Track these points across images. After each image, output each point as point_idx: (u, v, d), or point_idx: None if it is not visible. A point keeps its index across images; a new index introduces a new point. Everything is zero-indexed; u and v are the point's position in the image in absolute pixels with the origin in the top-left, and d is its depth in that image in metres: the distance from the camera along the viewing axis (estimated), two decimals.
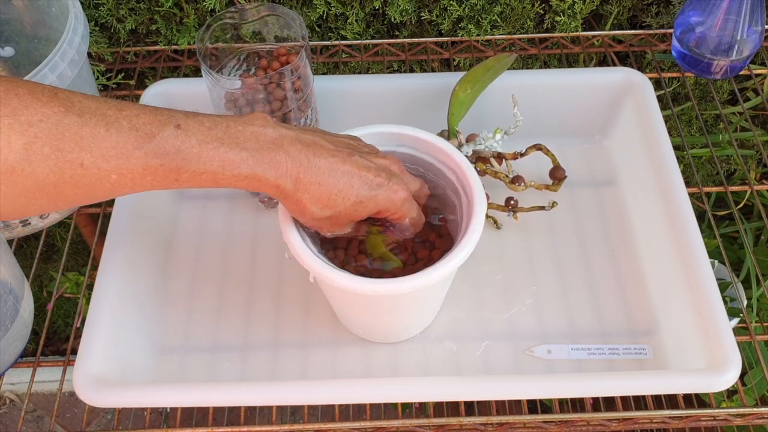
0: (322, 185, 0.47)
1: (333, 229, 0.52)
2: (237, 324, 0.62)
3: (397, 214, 0.51)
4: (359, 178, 0.48)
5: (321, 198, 0.47)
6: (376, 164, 0.50)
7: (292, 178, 0.46)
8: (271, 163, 0.45)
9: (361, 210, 0.49)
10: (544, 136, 0.70)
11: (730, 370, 0.52)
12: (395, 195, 0.50)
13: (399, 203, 0.50)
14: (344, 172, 0.48)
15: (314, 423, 0.55)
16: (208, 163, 0.44)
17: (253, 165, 0.45)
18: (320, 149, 0.47)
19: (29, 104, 0.39)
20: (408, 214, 0.52)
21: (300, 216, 0.49)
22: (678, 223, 0.61)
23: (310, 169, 0.46)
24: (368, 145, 0.53)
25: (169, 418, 1.07)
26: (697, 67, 0.75)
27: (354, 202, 0.48)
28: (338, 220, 0.50)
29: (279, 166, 0.46)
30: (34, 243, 1.01)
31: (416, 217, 0.53)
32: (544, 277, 0.64)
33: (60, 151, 0.40)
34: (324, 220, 0.49)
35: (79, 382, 0.52)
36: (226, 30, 0.61)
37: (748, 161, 0.91)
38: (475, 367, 0.59)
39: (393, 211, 0.51)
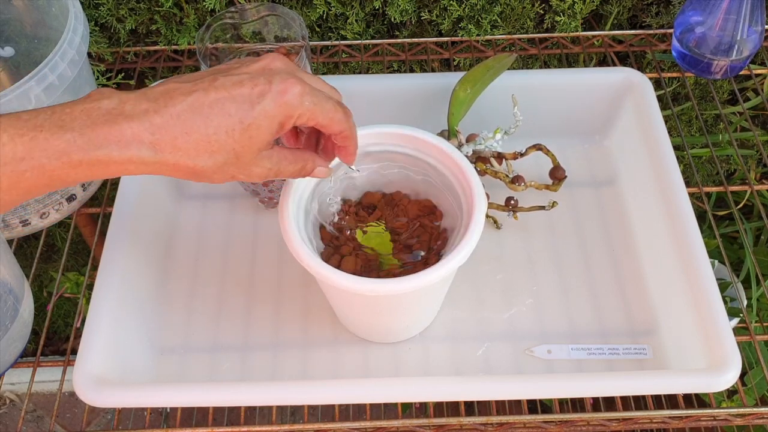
0: (190, 133, 0.39)
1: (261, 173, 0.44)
2: (237, 324, 0.62)
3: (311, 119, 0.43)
4: (232, 100, 0.40)
5: (199, 147, 0.40)
6: (249, 73, 0.42)
7: (146, 144, 0.39)
8: (108, 137, 0.38)
9: (261, 133, 0.41)
10: (544, 136, 0.70)
11: (730, 370, 0.52)
12: (287, 95, 0.41)
13: (298, 101, 0.41)
14: (212, 103, 0.40)
15: (314, 423, 0.55)
16: (27, 159, 0.37)
17: (86, 147, 0.38)
18: (172, 94, 0.40)
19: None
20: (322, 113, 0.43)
21: (198, 178, 0.42)
22: (678, 223, 0.61)
23: (165, 122, 0.39)
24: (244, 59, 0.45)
25: (169, 418, 1.07)
26: (697, 67, 0.75)
27: (243, 129, 0.41)
28: (245, 158, 0.42)
29: (122, 137, 0.38)
30: (34, 243, 1.01)
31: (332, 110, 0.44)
32: (544, 277, 0.64)
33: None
34: (230, 168, 0.42)
35: (79, 382, 0.52)
36: (226, 30, 0.61)
37: (748, 161, 0.91)
38: (475, 367, 0.59)
39: (300, 114, 0.42)
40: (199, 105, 0.40)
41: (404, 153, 0.58)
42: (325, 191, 0.58)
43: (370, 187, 0.61)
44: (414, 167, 0.58)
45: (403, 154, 0.58)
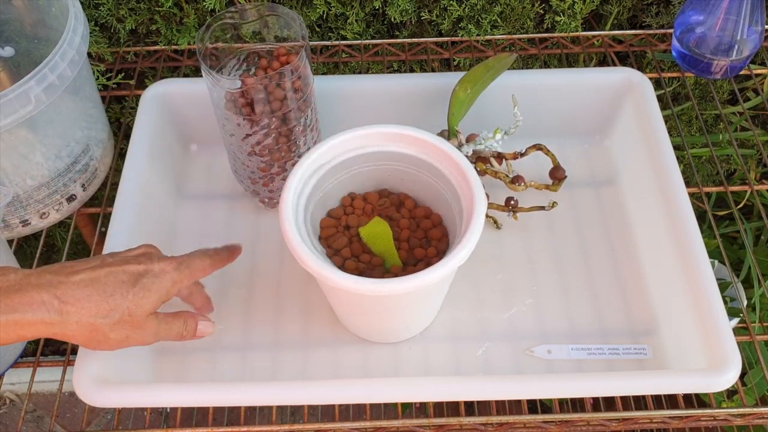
0: (91, 296, 0.46)
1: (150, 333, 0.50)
2: (237, 324, 0.62)
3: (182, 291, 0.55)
4: (123, 271, 0.48)
5: (99, 307, 0.46)
6: (133, 255, 0.51)
7: (54, 307, 0.45)
8: (21, 302, 0.44)
9: (151, 295, 0.49)
10: (544, 136, 0.70)
11: (730, 370, 0.52)
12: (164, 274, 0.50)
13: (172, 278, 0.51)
14: (107, 274, 0.48)
15: (314, 423, 0.55)
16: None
17: (4, 310, 0.43)
18: (73, 268, 0.47)
19: None
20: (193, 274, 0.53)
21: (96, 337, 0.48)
22: (678, 223, 0.61)
23: (68, 288, 0.46)
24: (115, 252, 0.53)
25: (169, 418, 1.07)
26: (697, 67, 0.75)
27: (134, 292, 0.48)
28: (137, 317, 0.49)
29: (33, 302, 0.44)
30: (34, 243, 1.01)
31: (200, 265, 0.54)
32: (544, 277, 0.64)
33: None
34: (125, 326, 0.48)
35: (79, 382, 0.52)
36: (226, 30, 0.61)
37: (748, 161, 0.91)
38: (475, 367, 0.59)
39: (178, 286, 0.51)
40: (96, 276, 0.47)
41: (404, 153, 0.58)
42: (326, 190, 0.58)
43: (370, 186, 0.61)
44: (414, 167, 0.58)
45: (403, 154, 0.58)
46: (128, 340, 0.49)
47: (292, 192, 0.53)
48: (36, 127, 0.60)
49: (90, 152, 0.66)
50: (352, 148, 0.57)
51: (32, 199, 0.64)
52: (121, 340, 0.49)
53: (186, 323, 0.53)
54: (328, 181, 0.58)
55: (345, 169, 0.58)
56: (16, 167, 0.61)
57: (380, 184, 0.61)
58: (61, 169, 0.64)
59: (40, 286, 0.45)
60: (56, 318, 0.45)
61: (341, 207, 0.60)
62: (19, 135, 0.59)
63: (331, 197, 0.60)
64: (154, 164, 0.67)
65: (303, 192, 0.55)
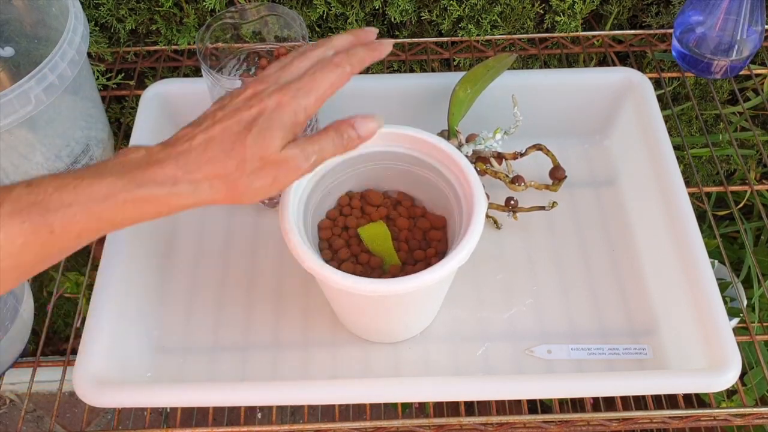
0: (213, 158, 0.44)
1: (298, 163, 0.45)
2: (237, 324, 0.62)
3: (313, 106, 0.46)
4: (236, 122, 0.44)
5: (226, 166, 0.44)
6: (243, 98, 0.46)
7: (181, 180, 0.43)
8: (145, 178, 0.42)
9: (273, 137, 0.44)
10: (544, 136, 0.70)
11: (730, 370, 0.52)
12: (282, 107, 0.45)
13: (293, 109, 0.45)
14: (221, 131, 0.44)
15: (314, 423, 0.55)
16: (74, 204, 0.41)
17: (128, 187, 0.42)
18: (187, 136, 0.45)
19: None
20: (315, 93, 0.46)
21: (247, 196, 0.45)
22: (678, 223, 0.61)
23: (190, 157, 0.44)
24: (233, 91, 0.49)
25: (169, 418, 1.07)
26: (697, 67, 0.75)
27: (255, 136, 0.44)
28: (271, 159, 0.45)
29: (158, 177, 0.43)
30: None
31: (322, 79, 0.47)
32: (544, 277, 0.64)
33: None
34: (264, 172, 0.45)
35: (79, 382, 0.52)
36: (226, 30, 0.61)
37: (748, 161, 0.91)
38: (475, 367, 0.59)
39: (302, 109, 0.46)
40: (211, 136, 0.44)
41: (404, 153, 0.58)
42: (325, 191, 0.58)
43: (370, 187, 0.61)
44: (414, 167, 0.58)
45: (403, 154, 0.58)
46: (278, 182, 0.45)
47: (292, 192, 0.53)
48: (36, 127, 0.60)
49: (90, 152, 0.66)
50: None
51: None
52: (271, 184, 0.45)
53: (340, 134, 0.47)
54: (328, 182, 0.58)
55: (345, 169, 0.58)
56: (16, 167, 0.61)
57: (380, 184, 0.61)
58: (61, 169, 0.64)
59: (161, 161, 0.43)
60: (186, 189, 0.43)
61: (340, 207, 0.60)
62: (19, 135, 0.60)
63: (331, 197, 0.60)
64: None
65: (303, 192, 0.55)
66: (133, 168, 0.43)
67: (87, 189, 0.41)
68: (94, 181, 0.41)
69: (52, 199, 0.40)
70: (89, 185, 0.41)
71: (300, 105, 0.46)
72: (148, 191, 0.42)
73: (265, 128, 0.44)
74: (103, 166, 0.43)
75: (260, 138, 0.44)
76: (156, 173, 0.43)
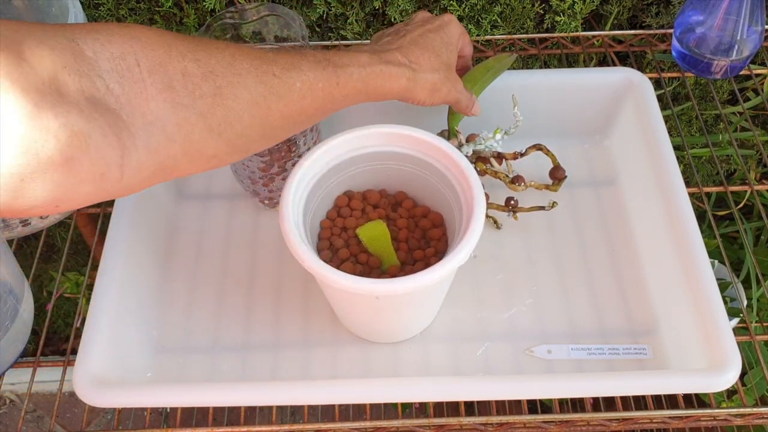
0: (423, 53, 0.55)
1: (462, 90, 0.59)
2: (237, 324, 0.62)
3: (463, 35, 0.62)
4: (431, 30, 0.57)
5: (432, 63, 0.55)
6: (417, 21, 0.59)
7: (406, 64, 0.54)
8: (387, 59, 0.53)
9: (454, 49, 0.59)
10: (544, 136, 0.70)
11: (730, 370, 0.52)
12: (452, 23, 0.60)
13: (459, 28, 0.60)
14: (422, 34, 0.56)
15: (314, 423, 0.55)
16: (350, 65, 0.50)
17: (380, 62, 0.52)
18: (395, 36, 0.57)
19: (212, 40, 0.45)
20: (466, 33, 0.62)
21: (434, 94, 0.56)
22: (678, 223, 0.61)
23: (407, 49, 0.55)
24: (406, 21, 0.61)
25: (169, 418, 1.07)
26: (697, 67, 0.75)
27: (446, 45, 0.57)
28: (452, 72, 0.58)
29: (393, 60, 0.53)
30: (34, 243, 1.01)
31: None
32: (544, 277, 0.64)
33: (254, 65, 0.44)
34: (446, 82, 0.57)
35: (79, 382, 0.52)
36: (226, 30, 0.61)
37: (748, 161, 0.91)
38: (475, 367, 0.59)
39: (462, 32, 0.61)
40: (414, 40, 0.56)
41: (404, 153, 0.58)
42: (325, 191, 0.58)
43: (370, 186, 0.61)
44: (414, 167, 0.58)
45: (403, 154, 0.58)
46: (450, 94, 0.58)
47: (292, 192, 0.53)
48: None
49: None
50: (352, 149, 0.57)
51: None
52: (448, 92, 0.57)
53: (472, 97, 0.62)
54: (328, 182, 0.58)
55: (345, 169, 0.58)
56: None
57: (380, 184, 0.61)
58: None
59: (390, 50, 0.54)
60: (411, 73, 0.54)
61: (340, 207, 0.60)
62: None
63: (331, 197, 0.60)
64: None
65: (303, 192, 0.55)
66: (377, 51, 0.53)
67: (355, 57, 0.51)
68: (357, 53, 0.51)
69: (335, 59, 0.49)
70: (356, 55, 0.51)
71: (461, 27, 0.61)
72: (393, 68, 0.52)
73: (448, 42, 0.58)
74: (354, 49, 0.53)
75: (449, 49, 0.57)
76: (393, 56, 0.53)
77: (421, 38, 0.56)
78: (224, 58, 0.43)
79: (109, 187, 0.38)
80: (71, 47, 0.36)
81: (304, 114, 0.48)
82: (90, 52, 0.37)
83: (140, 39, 0.39)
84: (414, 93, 0.54)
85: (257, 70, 0.44)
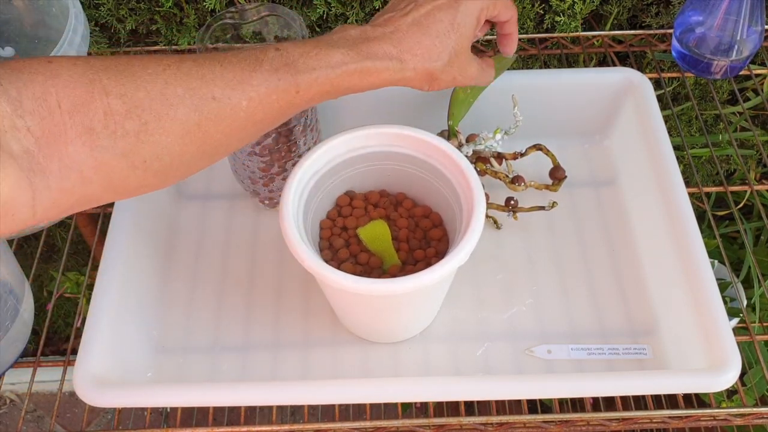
0: (420, 41, 0.50)
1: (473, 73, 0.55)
2: (237, 324, 0.62)
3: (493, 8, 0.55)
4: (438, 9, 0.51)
5: (430, 51, 0.50)
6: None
7: (394, 56, 0.49)
8: (369, 52, 0.48)
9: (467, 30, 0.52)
10: (544, 136, 0.70)
11: (730, 370, 0.52)
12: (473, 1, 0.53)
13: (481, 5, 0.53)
14: (426, 15, 0.51)
15: (314, 423, 0.55)
16: (317, 68, 0.46)
17: (357, 59, 0.47)
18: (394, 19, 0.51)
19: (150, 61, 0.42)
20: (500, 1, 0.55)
21: (432, 81, 0.52)
22: (678, 223, 0.61)
23: (401, 37, 0.49)
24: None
25: (169, 418, 1.07)
26: (697, 67, 0.75)
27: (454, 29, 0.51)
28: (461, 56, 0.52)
29: (377, 52, 0.48)
30: (34, 243, 1.01)
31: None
32: (544, 277, 0.64)
33: (191, 89, 0.42)
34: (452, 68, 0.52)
35: (79, 382, 0.52)
36: (226, 30, 0.61)
37: (748, 161, 0.91)
38: (475, 367, 0.59)
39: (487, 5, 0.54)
40: (417, 20, 0.50)
41: (404, 153, 0.58)
42: (325, 190, 0.58)
43: (370, 186, 0.61)
44: (414, 167, 0.58)
45: (403, 154, 0.58)
46: (455, 82, 0.53)
47: (292, 192, 0.53)
48: None
49: None
50: (352, 149, 0.57)
51: None
52: (452, 79, 0.53)
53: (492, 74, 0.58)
54: (328, 182, 0.58)
55: (345, 169, 0.58)
56: None
57: (380, 184, 0.61)
58: None
59: (377, 38, 0.49)
60: (398, 66, 0.49)
61: (340, 207, 0.60)
62: None
63: (331, 197, 0.60)
64: None
65: (303, 192, 0.55)
66: (357, 42, 0.48)
67: (325, 57, 0.46)
68: (330, 51, 0.47)
69: (299, 62, 0.46)
70: (327, 54, 0.47)
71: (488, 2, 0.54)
72: (371, 63, 0.48)
73: (463, 23, 0.52)
74: (330, 39, 0.48)
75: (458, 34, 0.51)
76: (377, 48, 0.48)
77: (426, 18, 0.51)
78: (155, 88, 0.41)
79: (22, 223, 0.38)
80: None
81: (255, 127, 0.45)
82: (14, 92, 0.37)
83: (61, 77, 0.38)
84: (404, 83, 0.51)
85: (193, 97, 0.42)
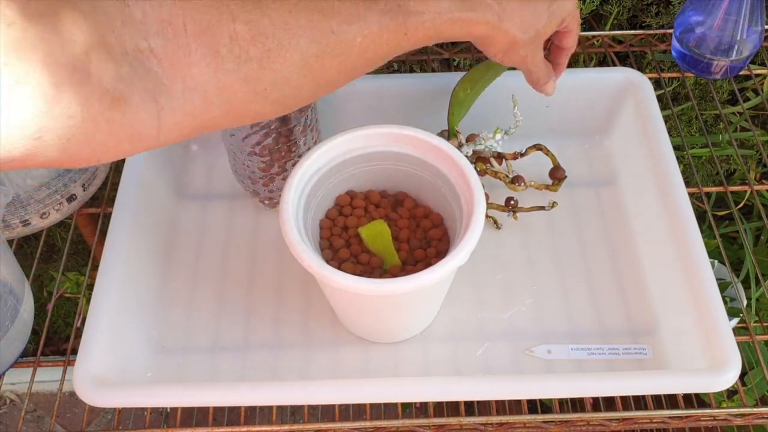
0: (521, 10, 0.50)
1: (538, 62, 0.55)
2: (237, 324, 0.62)
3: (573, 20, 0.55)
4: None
5: (524, 20, 0.50)
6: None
7: (496, 12, 0.49)
8: (473, 4, 0.48)
9: (553, 22, 0.52)
10: (544, 136, 0.70)
11: (730, 370, 0.52)
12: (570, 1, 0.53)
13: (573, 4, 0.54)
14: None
15: (314, 423, 0.55)
16: (425, 12, 0.46)
17: (462, 8, 0.47)
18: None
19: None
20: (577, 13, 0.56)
21: (510, 52, 0.52)
22: (678, 223, 0.61)
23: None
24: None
25: (169, 418, 1.07)
26: (697, 67, 0.75)
27: (548, 15, 0.51)
28: (539, 41, 0.53)
29: (481, 4, 0.48)
30: (34, 243, 1.01)
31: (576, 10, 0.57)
32: (544, 277, 0.64)
33: (312, 21, 0.42)
34: (529, 47, 0.52)
35: (79, 382, 0.52)
36: None
37: (748, 161, 0.91)
38: (475, 367, 0.59)
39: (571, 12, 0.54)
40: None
41: (404, 153, 0.58)
42: (326, 190, 0.58)
43: (370, 187, 0.61)
44: (414, 167, 0.58)
45: (403, 154, 0.58)
46: (525, 60, 0.53)
47: (292, 192, 0.53)
48: None
49: None
50: (352, 149, 0.57)
51: (32, 199, 0.64)
52: (525, 56, 0.53)
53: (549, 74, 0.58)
54: (329, 181, 0.58)
55: (345, 169, 0.58)
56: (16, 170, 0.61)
57: (380, 184, 0.61)
58: (62, 169, 0.64)
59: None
60: (496, 23, 0.49)
61: (341, 207, 0.60)
62: None
63: (332, 197, 0.60)
64: (155, 164, 0.67)
65: (303, 192, 0.55)
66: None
67: (435, 2, 0.46)
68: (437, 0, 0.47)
69: (410, 5, 0.45)
70: (436, 3, 0.46)
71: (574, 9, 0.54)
72: (474, 15, 0.48)
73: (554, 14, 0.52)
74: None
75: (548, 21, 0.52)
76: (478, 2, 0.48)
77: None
78: (279, 17, 0.41)
79: (146, 144, 0.39)
80: (121, 10, 0.37)
81: (364, 65, 0.46)
82: (140, 14, 0.37)
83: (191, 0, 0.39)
84: (489, 43, 0.51)
85: (314, 29, 0.42)
